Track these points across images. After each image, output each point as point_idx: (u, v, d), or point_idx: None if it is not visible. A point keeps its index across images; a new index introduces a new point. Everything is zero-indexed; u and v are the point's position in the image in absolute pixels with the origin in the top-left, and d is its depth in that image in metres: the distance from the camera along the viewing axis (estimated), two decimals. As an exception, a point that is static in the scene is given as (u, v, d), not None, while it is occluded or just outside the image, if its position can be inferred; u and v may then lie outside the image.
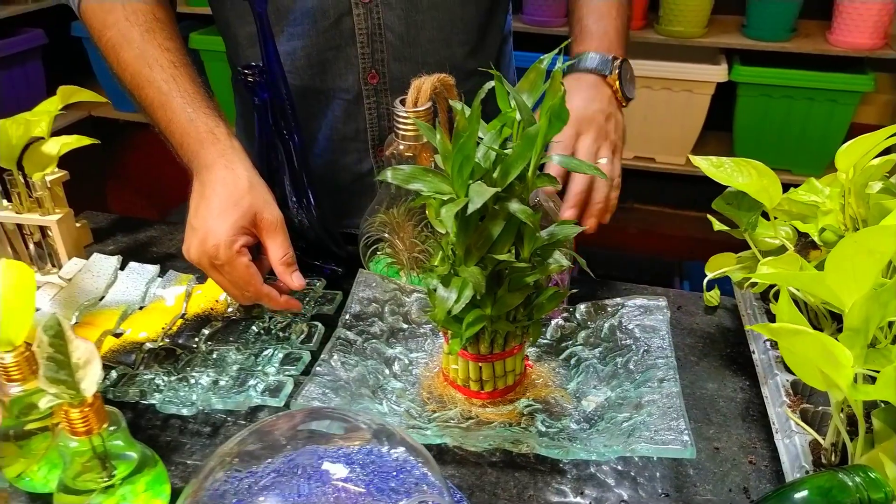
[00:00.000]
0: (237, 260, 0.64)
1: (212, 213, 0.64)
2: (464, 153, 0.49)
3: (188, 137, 0.68)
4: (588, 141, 0.72)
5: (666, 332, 0.64)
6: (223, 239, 0.63)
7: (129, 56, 0.71)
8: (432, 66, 0.82)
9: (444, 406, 0.61)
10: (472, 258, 0.52)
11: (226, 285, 0.66)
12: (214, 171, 0.65)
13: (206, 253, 0.63)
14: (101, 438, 0.48)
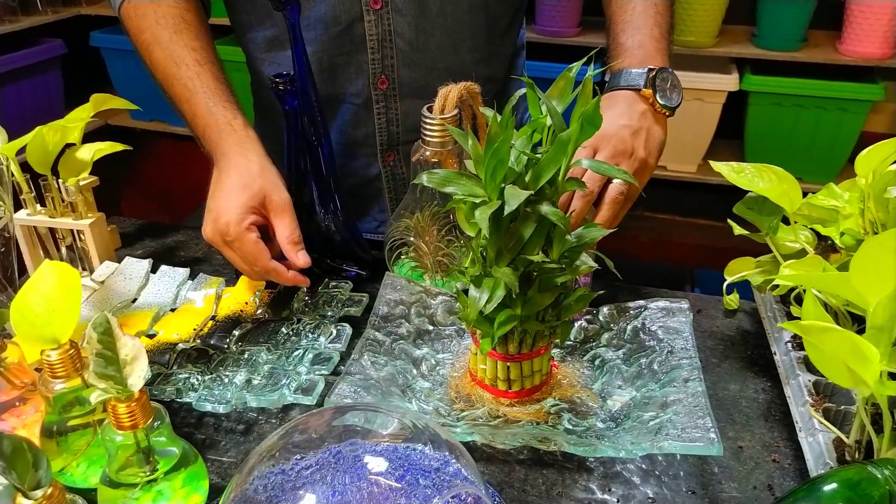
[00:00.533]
0: (246, 236, 0.69)
1: (224, 195, 0.70)
2: (498, 157, 0.51)
3: (209, 129, 0.73)
4: (601, 158, 0.69)
5: (689, 333, 0.66)
6: (233, 217, 0.68)
7: (159, 56, 0.77)
8: (441, 72, 0.85)
9: (472, 405, 0.62)
10: (503, 259, 0.54)
11: (237, 261, 0.71)
12: (230, 158, 0.71)
13: (219, 230, 0.69)
14: (146, 433, 0.49)
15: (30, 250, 0.81)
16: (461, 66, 0.86)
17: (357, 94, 0.86)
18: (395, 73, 0.85)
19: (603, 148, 0.70)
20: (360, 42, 0.83)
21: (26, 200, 0.78)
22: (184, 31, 0.77)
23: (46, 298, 0.53)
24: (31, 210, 0.79)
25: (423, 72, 0.85)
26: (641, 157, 0.72)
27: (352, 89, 0.86)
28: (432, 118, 0.70)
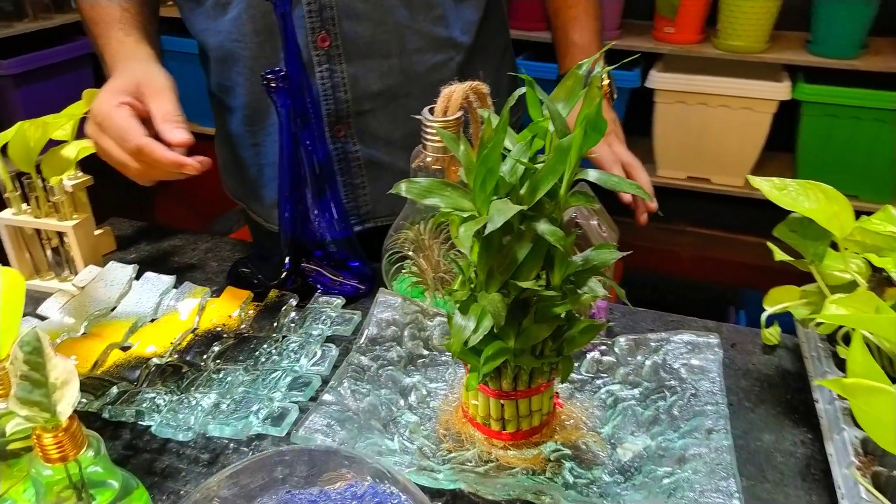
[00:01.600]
0: (115, 111, 0.65)
1: (102, 90, 0.68)
2: (487, 166, 0.44)
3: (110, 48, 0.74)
4: (621, 148, 0.85)
5: (717, 374, 0.57)
6: (103, 98, 0.66)
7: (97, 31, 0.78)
8: (391, 27, 0.78)
9: (462, 445, 0.55)
10: (494, 283, 0.47)
11: (110, 147, 0.66)
12: (119, 61, 0.73)
13: (93, 119, 0.67)
14: (78, 465, 0.43)
15: (15, 252, 0.77)
16: (413, 22, 0.78)
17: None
18: (337, 28, 0.77)
19: (612, 141, 0.86)
20: None
21: (10, 199, 0.74)
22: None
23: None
24: (16, 209, 0.75)
25: (370, 25, 0.77)
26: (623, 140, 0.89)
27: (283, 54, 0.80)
28: (433, 121, 0.63)
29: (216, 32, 0.81)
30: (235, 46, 0.80)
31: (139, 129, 0.65)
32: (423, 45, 0.80)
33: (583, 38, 0.90)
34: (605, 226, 0.68)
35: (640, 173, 0.86)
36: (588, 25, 0.91)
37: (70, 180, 0.79)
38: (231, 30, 0.79)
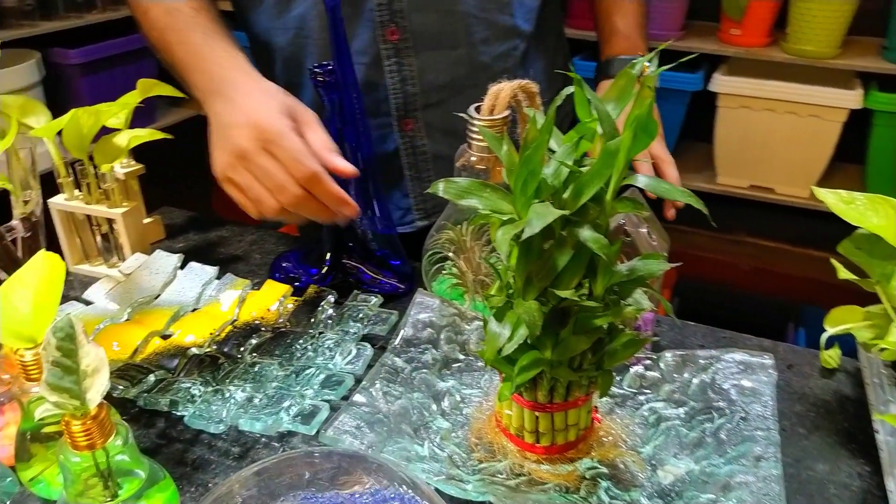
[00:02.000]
0: (291, 133, 0.59)
1: (250, 105, 0.61)
2: (529, 167, 0.42)
3: (208, 63, 0.67)
4: (661, 147, 0.79)
5: (770, 397, 0.54)
6: (274, 114, 0.59)
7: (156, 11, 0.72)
8: (459, 17, 0.76)
9: (493, 456, 0.53)
10: (531, 290, 0.45)
11: (265, 168, 0.59)
12: (238, 84, 0.64)
13: (257, 132, 0.58)
14: (106, 454, 0.43)
15: (66, 236, 0.79)
16: (481, 10, 0.77)
17: (364, 52, 0.77)
18: (407, 20, 0.76)
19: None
20: None
21: (63, 185, 0.76)
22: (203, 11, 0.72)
23: (33, 292, 0.49)
24: (69, 195, 0.77)
25: (438, 16, 0.76)
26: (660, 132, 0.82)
27: (358, 45, 0.77)
28: (479, 119, 0.61)
29: (283, 30, 0.79)
30: (304, 43, 0.79)
31: (311, 155, 0.59)
32: (489, 34, 0.79)
33: (626, 25, 0.86)
34: (655, 234, 0.65)
35: (669, 168, 0.80)
36: (631, 11, 0.87)
37: (122, 168, 0.80)
38: (298, 26, 0.78)
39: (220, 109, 0.64)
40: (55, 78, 1.80)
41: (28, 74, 1.66)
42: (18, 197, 0.67)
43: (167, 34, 0.72)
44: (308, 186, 0.59)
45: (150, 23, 0.74)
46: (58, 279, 0.49)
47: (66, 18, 1.79)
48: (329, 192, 0.60)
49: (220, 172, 0.62)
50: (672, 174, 0.82)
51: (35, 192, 0.68)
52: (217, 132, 0.63)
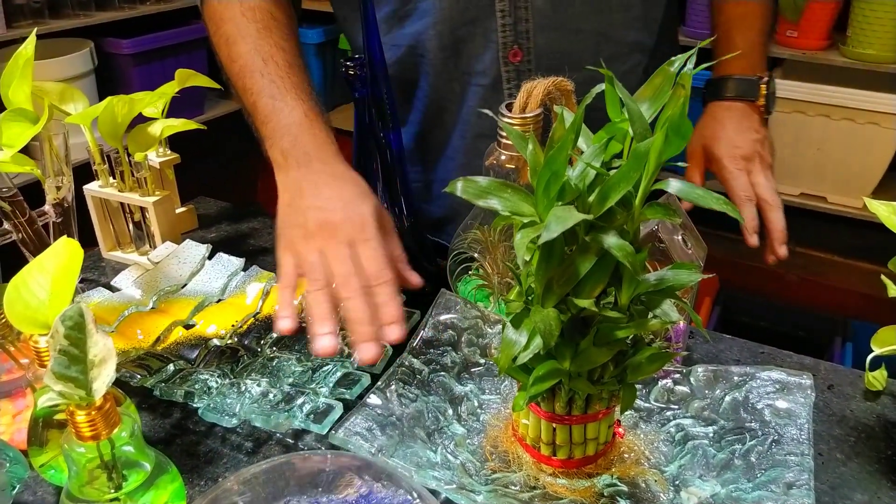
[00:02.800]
0: (381, 242, 0.57)
1: (347, 195, 0.59)
2: (552, 168, 0.40)
3: (302, 132, 0.63)
4: (762, 177, 0.76)
5: (806, 420, 0.50)
6: (371, 218, 0.57)
7: (243, 49, 0.69)
8: (586, 35, 0.73)
9: (508, 466, 0.51)
10: (551, 298, 0.43)
11: (349, 261, 0.55)
12: (334, 166, 0.62)
13: (352, 227, 0.56)
14: (111, 445, 0.43)
15: (100, 222, 0.79)
16: (609, 27, 0.74)
17: (484, 73, 0.74)
18: (531, 42, 0.72)
19: (753, 168, 0.77)
20: (489, 4, 0.71)
21: (98, 172, 0.77)
22: (273, 28, 0.70)
23: (51, 278, 0.49)
24: (103, 182, 0.77)
25: (564, 36, 0.72)
26: (770, 162, 0.78)
27: (478, 67, 0.74)
28: (510, 117, 0.59)
29: (391, 47, 0.76)
30: (417, 62, 0.75)
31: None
32: (616, 51, 0.75)
33: (746, 41, 0.80)
34: (691, 242, 0.62)
35: (774, 214, 0.75)
36: (756, 25, 0.81)
37: (157, 157, 0.81)
38: (410, 44, 0.75)
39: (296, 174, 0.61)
40: (107, 67, 1.84)
41: (81, 63, 1.70)
42: (49, 183, 0.68)
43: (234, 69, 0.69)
44: (377, 287, 0.55)
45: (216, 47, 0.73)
46: (75, 266, 0.49)
47: (121, 9, 1.83)
48: (393, 300, 0.54)
49: (290, 236, 0.59)
50: (776, 221, 0.75)
51: (67, 179, 0.69)
52: (300, 196, 0.60)
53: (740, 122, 0.78)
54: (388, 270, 0.55)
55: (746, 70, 0.79)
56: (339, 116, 2.24)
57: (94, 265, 0.81)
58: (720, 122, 0.80)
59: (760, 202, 0.76)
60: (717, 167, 0.80)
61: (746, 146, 0.78)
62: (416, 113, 0.80)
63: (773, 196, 0.76)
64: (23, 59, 0.63)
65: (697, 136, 0.82)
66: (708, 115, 0.82)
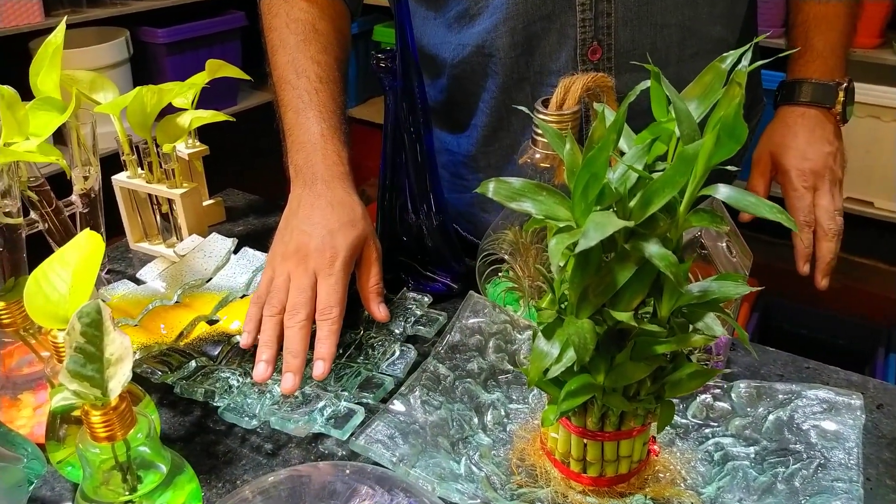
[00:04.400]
0: (345, 276, 0.59)
1: (332, 225, 0.61)
2: (591, 170, 0.37)
3: (310, 147, 0.65)
4: (827, 199, 0.71)
5: (855, 443, 0.47)
6: (344, 252, 0.60)
7: (281, 60, 0.70)
8: (672, 30, 0.68)
9: (535, 481, 0.49)
10: (586, 308, 0.40)
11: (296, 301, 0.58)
12: (335, 190, 0.63)
13: (321, 258, 0.59)
14: (127, 446, 0.42)
15: (128, 213, 0.79)
16: (695, 22, 0.69)
17: (559, 72, 0.69)
18: (612, 38, 0.67)
19: (821, 185, 0.72)
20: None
21: (127, 162, 0.76)
22: (312, 41, 0.70)
23: (73, 272, 0.48)
24: (132, 173, 0.77)
25: (648, 31, 0.68)
26: (840, 178, 0.73)
27: (553, 65, 0.69)
28: (547, 114, 0.57)
29: (458, 46, 0.73)
30: (485, 62, 0.72)
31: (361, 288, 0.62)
32: (700, 48, 0.70)
33: (826, 43, 0.74)
34: (735, 249, 0.59)
35: (826, 244, 0.71)
36: (836, 26, 0.75)
37: (187, 148, 0.80)
38: (479, 43, 0.71)
39: (303, 194, 0.63)
40: (143, 57, 1.86)
41: (116, 52, 1.71)
42: (76, 172, 0.67)
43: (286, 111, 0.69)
44: (321, 321, 0.57)
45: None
46: (96, 259, 0.48)
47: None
48: (330, 337, 0.57)
49: (274, 252, 0.62)
50: (826, 252, 0.71)
51: (94, 169, 0.68)
52: (295, 215, 0.63)
53: (813, 130, 0.73)
54: (337, 308, 0.58)
55: (824, 74, 0.74)
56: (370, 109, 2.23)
57: (120, 256, 0.80)
58: (792, 129, 0.75)
59: (817, 228, 0.72)
60: (783, 179, 0.76)
61: (818, 159, 0.73)
62: (480, 116, 0.76)
63: (831, 222, 0.72)
64: (52, 48, 0.63)
65: (766, 143, 0.77)
66: (779, 120, 0.77)
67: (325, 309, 0.57)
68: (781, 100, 0.78)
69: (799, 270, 0.72)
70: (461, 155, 0.80)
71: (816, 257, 0.71)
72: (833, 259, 0.71)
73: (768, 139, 0.76)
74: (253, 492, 0.36)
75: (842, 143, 0.75)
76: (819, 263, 0.71)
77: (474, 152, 0.78)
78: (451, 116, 0.79)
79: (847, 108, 0.74)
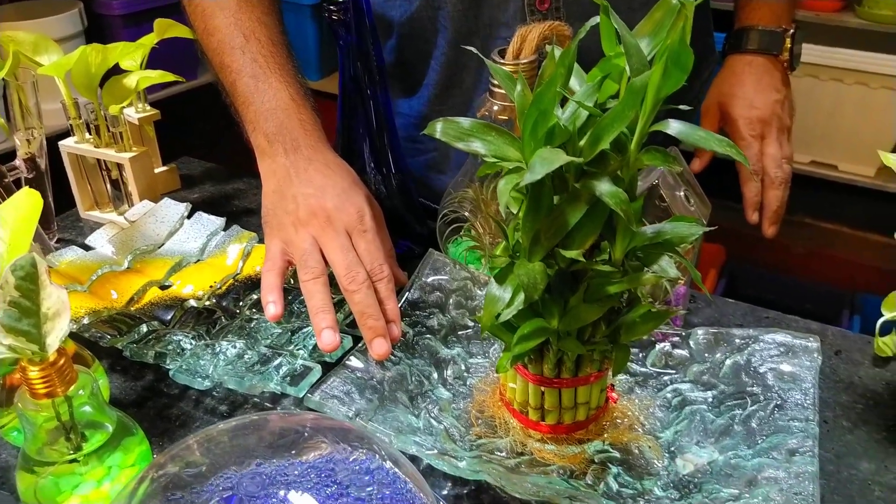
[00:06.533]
0: (379, 233, 0.56)
1: (341, 184, 0.57)
2: (540, 107, 0.36)
3: (289, 117, 0.60)
4: (774, 147, 0.71)
5: (811, 384, 0.48)
6: (367, 209, 0.56)
7: (221, 22, 0.65)
8: None
9: (494, 432, 0.48)
10: (538, 251, 0.39)
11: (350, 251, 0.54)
12: (324, 153, 0.59)
13: (347, 216, 0.55)
14: (69, 403, 0.40)
15: (77, 181, 0.76)
16: None
17: (507, 25, 0.68)
18: None
19: (768, 134, 0.71)
20: None
21: (74, 126, 0.73)
22: (255, 2, 0.66)
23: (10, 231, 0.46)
24: (79, 137, 0.74)
25: None
26: (788, 125, 0.73)
27: (502, 17, 0.68)
28: (504, 63, 0.56)
29: (404, 2, 0.71)
30: (434, 16, 0.70)
31: None
32: None
33: None
34: (694, 199, 0.58)
35: (773, 192, 0.70)
36: None
37: (137, 113, 0.77)
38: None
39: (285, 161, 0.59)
40: (98, 29, 1.79)
41: (69, 24, 1.65)
42: (20, 136, 0.65)
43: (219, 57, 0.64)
44: (377, 283, 0.53)
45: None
46: (33, 218, 0.46)
47: (112, -31, 1.78)
48: (393, 296, 0.53)
49: (279, 223, 0.57)
50: (772, 201, 0.70)
51: (38, 132, 0.66)
52: (289, 184, 0.58)
53: (761, 78, 0.73)
54: (385, 265, 0.54)
55: (771, 21, 0.74)
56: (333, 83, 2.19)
57: (71, 225, 0.78)
58: (739, 77, 0.75)
59: (764, 176, 0.72)
60: (731, 129, 0.75)
61: (765, 107, 0.73)
62: (432, 74, 0.75)
63: (779, 170, 0.72)
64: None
65: (714, 93, 0.77)
66: (727, 69, 0.76)
67: (374, 269, 0.53)
68: (729, 49, 0.78)
69: (748, 219, 0.72)
70: (413, 117, 0.78)
71: (764, 205, 0.71)
72: (781, 207, 0.71)
73: (717, 89, 0.76)
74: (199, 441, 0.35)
75: (790, 90, 0.75)
76: (766, 212, 0.71)
77: (427, 112, 0.77)
78: (402, 78, 0.78)
79: (795, 54, 0.74)
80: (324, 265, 0.54)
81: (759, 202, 0.71)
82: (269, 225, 0.59)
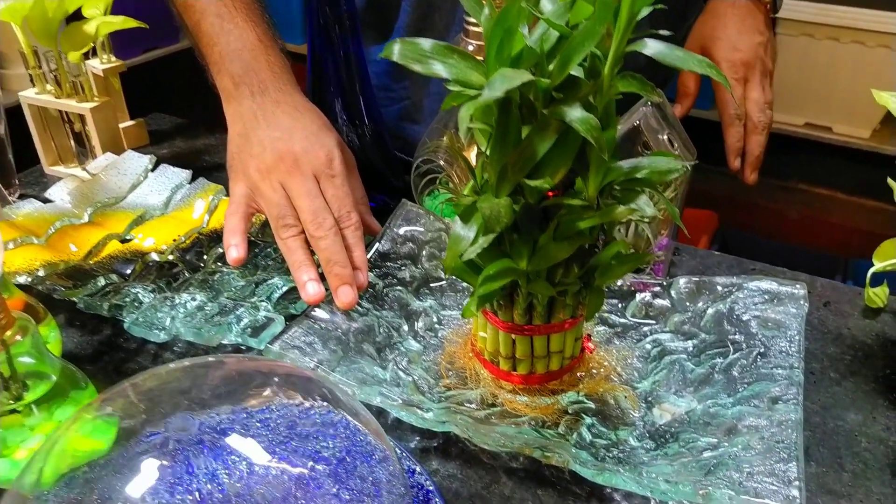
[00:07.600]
0: (347, 178, 0.54)
1: (310, 126, 0.55)
2: (505, 24, 0.33)
3: (256, 59, 0.57)
4: (757, 91, 0.69)
5: (797, 331, 0.45)
6: (337, 152, 0.54)
7: None
8: None
9: (465, 384, 0.46)
10: (505, 186, 0.37)
11: (318, 196, 0.52)
12: (293, 96, 0.57)
13: (316, 159, 0.53)
14: (6, 350, 0.38)
15: (39, 134, 0.73)
16: None
17: None
18: None
19: (751, 78, 0.69)
20: None
21: (34, 76, 0.70)
22: None
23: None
24: (40, 88, 0.71)
25: None
26: (770, 69, 0.71)
27: None
28: None
29: None
30: None
31: None
32: None
33: None
34: (678, 143, 0.56)
35: (755, 137, 0.68)
36: None
37: (101, 64, 0.74)
38: None
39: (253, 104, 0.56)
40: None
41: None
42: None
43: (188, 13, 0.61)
44: (345, 229, 0.51)
45: None
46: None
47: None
48: (360, 243, 0.51)
49: (244, 167, 0.54)
50: (754, 146, 0.68)
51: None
52: (256, 126, 0.55)
53: (744, 20, 0.71)
54: (354, 211, 0.52)
55: None
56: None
57: (35, 181, 0.74)
58: (721, 20, 0.72)
59: (746, 121, 0.70)
60: None
61: (748, 50, 0.70)
62: (403, 17, 0.72)
63: (761, 115, 0.69)
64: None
65: (696, 36, 0.74)
66: (709, 12, 0.74)
67: (342, 216, 0.51)
68: None
69: (730, 166, 0.69)
70: (385, 63, 0.75)
71: (746, 151, 0.69)
72: (761, 153, 0.69)
73: (698, 32, 0.73)
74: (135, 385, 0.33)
75: (772, 33, 0.73)
76: (748, 157, 0.69)
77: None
78: (373, 24, 0.75)
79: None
80: (296, 216, 0.52)
81: (742, 148, 0.68)
82: (233, 169, 0.56)
